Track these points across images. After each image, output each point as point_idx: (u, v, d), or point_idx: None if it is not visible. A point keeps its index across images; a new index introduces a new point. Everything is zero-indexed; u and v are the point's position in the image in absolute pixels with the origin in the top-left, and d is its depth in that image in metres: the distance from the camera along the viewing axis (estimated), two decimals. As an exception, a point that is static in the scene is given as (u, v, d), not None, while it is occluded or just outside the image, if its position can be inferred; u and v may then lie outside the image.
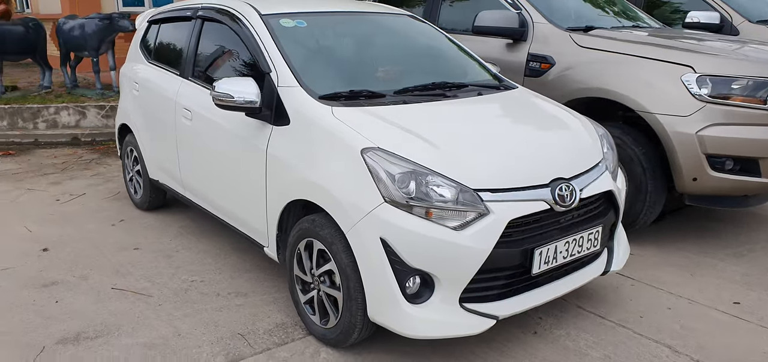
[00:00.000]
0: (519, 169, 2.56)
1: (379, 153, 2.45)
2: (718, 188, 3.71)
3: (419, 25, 3.89)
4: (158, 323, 2.94)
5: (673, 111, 3.68)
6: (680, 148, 3.66)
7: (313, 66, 3.12)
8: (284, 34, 3.21)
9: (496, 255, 2.40)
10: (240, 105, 2.87)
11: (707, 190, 3.74)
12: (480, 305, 2.48)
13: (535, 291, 2.63)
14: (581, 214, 2.71)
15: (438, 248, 2.34)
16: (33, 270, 3.52)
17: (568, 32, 4.34)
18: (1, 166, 5.91)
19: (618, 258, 3.03)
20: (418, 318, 2.38)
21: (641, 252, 3.86)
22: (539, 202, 2.51)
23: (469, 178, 2.42)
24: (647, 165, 3.81)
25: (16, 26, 7.74)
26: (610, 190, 2.83)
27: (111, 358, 2.64)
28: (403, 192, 2.36)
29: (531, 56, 4.47)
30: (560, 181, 2.60)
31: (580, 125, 3.07)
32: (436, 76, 3.40)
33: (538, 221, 2.54)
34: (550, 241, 2.54)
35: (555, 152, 2.75)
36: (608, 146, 3.09)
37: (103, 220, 4.35)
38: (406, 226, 2.34)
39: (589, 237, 2.71)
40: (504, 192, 2.45)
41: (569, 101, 4.18)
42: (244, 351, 2.71)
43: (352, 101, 2.86)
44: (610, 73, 4.00)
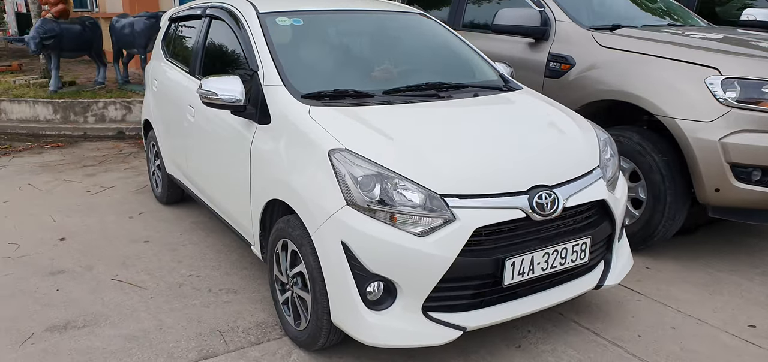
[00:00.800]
0: (493, 175, 2.44)
1: (346, 154, 2.39)
2: (744, 200, 3.42)
3: (428, 23, 3.80)
4: (145, 315, 3.00)
5: (694, 116, 3.42)
6: (701, 155, 3.40)
7: (301, 65, 3.09)
8: (278, 32, 3.20)
9: (462, 264, 2.30)
10: (225, 103, 2.88)
11: (732, 202, 3.46)
12: (447, 314, 2.38)
13: (511, 303, 2.50)
14: (566, 224, 2.55)
15: (399, 254, 2.26)
16: (45, 258, 3.67)
17: (591, 31, 4.13)
18: (47, 157, 6.24)
19: (615, 272, 2.84)
20: (377, 326, 2.31)
21: (659, 266, 3.62)
22: (514, 210, 2.38)
23: (436, 183, 2.33)
24: (667, 173, 3.56)
25: (73, 25, 8.16)
26: (603, 200, 2.65)
27: (90, 348, 2.71)
28: (367, 195, 2.29)
29: (551, 56, 4.28)
30: (541, 189, 2.46)
31: (578, 130, 2.90)
32: (436, 76, 3.30)
33: (514, 230, 2.41)
34: (525, 251, 2.40)
35: (540, 158, 2.60)
36: (611, 153, 2.91)
37: (123, 212, 4.49)
38: (366, 231, 2.27)
39: (574, 248, 2.55)
40: (473, 198, 2.34)
41: (588, 104, 3.98)
42: (218, 348, 2.72)
43: (336, 101, 2.82)
44: (630, 74, 3.77)
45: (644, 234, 3.70)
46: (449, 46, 3.66)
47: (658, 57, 3.69)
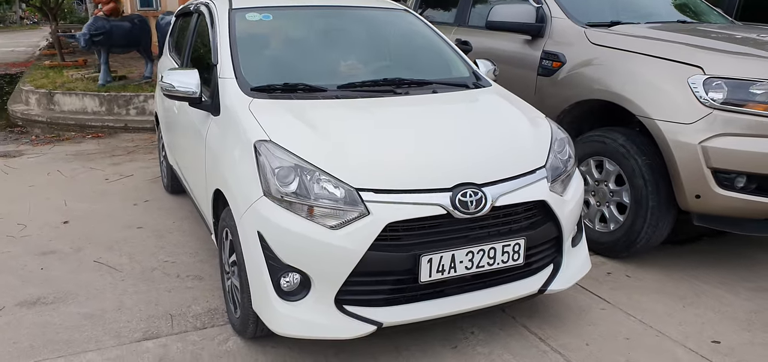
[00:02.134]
0: (415, 171, 2.41)
1: (268, 146, 2.44)
2: (727, 208, 3.21)
3: (409, 19, 3.78)
4: (110, 296, 3.16)
5: (674, 117, 3.24)
6: (680, 159, 3.22)
7: (259, 59, 3.16)
8: (245, 27, 3.29)
9: (374, 258, 2.29)
10: (181, 94, 2.99)
11: (714, 210, 3.25)
12: (363, 309, 2.38)
13: (434, 301, 2.47)
14: (496, 224, 2.49)
15: (311, 247, 2.28)
16: (44, 239, 3.93)
17: (584, 28, 3.98)
18: (84, 146, 6.64)
19: (564, 276, 2.74)
20: (286, 316, 2.34)
21: (641, 275, 3.45)
22: (434, 207, 2.35)
23: (352, 177, 2.33)
24: (650, 177, 3.39)
25: (123, 22, 8.63)
26: (544, 201, 2.57)
27: (47, 323, 2.89)
28: (282, 186, 2.33)
29: (544, 54, 4.16)
30: (468, 187, 2.41)
31: (528, 130, 2.83)
32: (401, 72, 3.29)
33: (434, 226, 2.38)
34: (445, 249, 2.37)
35: (473, 156, 2.55)
36: (568, 153, 2.81)
37: (130, 200, 4.73)
38: (279, 222, 2.31)
39: (505, 249, 2.49)
40: (390, 193, 2.33)
41: (578, 103, 3.85)
42: (162, 330, 2.83)
43: (284, 95, 2.87)
44: (615, 72, 3.61)
45: (627, 241, 3.54)
46: (425, 42, 3.64)
47: (644, 55, 3.51)
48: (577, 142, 3.84)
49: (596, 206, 3.75)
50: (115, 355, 2.63)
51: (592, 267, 3.34)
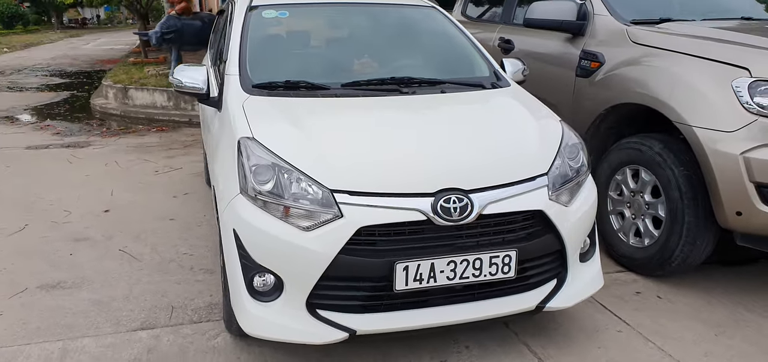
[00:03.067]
0: (396, 174, 2.30)
1: (249, 143, 2.41)
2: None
3: (435, 17, 3.65)
4: (123, 284, 3.25)
5: (714, 124, 2.93)
6: (720, 171, 2.90)
7: (267, 56, 3.15)
8: (259, 24, 3.29)
9: (347, 263, 2.20)
10: (188, 90, 3.03)
11: (757, 229, 2.91)
12: (336, 314, 2.29)
13: (414, 311, 2.33)
14: (483, 233, 2.33)
15: (281, 247, 2.22)
16: (81, 226, 4.12)
17: (627, 26, 3.68)
18: (145, 139, 6.96)
19: (567, 293, 2.53)
20: (257, 317, 2.29)
21: (675, 297, 3.15)
22: (412, 212, 2.22)
23: (329, 178, 2.25)
24: (687, 190, 3.08)
25: (194, 21, 8.99)
26: (541, 211, 2.38)
27: (58, 307, 3.00)
28: (259, 185, 2.28)
29: (583, 53, 3.89)
30: (453, 193, 2.26)
31: (534, 135, 2.64)
32: (413, 70, 3.18)
33: (414, 233, 2.26)
34: (423, 257, 2.23)
35: (462, 160, 2.41)
36: (581, 161, 2.60)
37: (171, 192, 4.89)
38: (252, 221, 2.27)
39: (493, 261, 2.32)
40: (366, 196, 2.22)
41: (614, 107, 3.57)
42: (160, 321, 2.87)
43: (284, 92, 2.84)
44: (652, 73, 3.31)
45: (660, 259, 3.23)
46: (445, 40, 3.50)
47: (685, 54, 3.20)
48: (612, 149, 3.57)
49: (631, 219, 3.46)
50: (108, 342, 2.69)
51: (619, 285, 3.11)
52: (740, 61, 2.94)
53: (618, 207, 3.56)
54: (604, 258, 3.56)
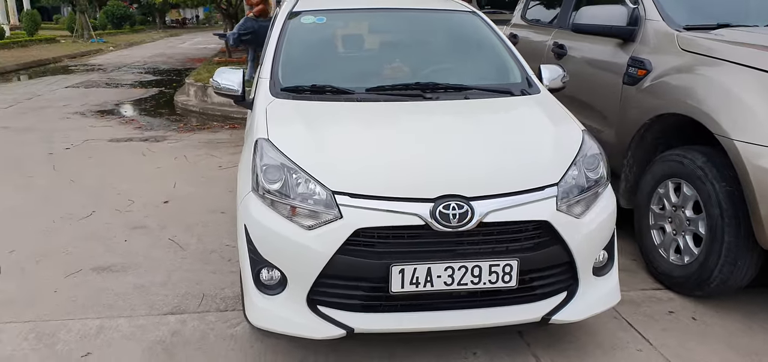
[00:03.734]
0: (398, 179, 2.34)
1: (264, 144, 2.53)
2: (817, 252, 2.65)
3: (469, 22, 3.64)
4: (164, 271, 3.48)
5: (755, 137, 2.76)
6: (760, 188, 2.73)
7: (298, 61, 3.26)
8: (297, 30, 3.42)
9: (345, 263, 2.27)
10: (225, 92, 3.20)
11: (801, 252, 2.70)
12: (336, 311, 2.36)
13: (413, 313, 2.36)
14: (485, 241, 2.32)
15: (284, 244, 2.32)
16: (141, 215, 4.44)
17: (678, 31, 3.51)
18: (217, 135, 7.34)
19: (577, 307, 2.47)
20: (261, 309, 2.40)
21: (710, 319, 2.99)
22: (411, 216, 2.26)
23: (332, 180, 2.33)
24: (728, 206, 2.92)
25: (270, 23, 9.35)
26: (547, 221, 2.34)
27: (103, 289, 3.27)
28: (268, 184, 2.39)
29: (631, 60, 3.74)
30: (453, 199, 2.28)
31: (549, 142, 2.60)
32: (442, 76, 3.20)
33: (414, 237, 2.29)
34: (419, 261, 2.26)
35: (468, 166, 2.41)
36: (599, 172, 2.54)
37: (229, 187, 5.14)
38: (259, 218, 2.38)
39: (493, 269, 2.31)
40: (366, 199, 2.28)
41: (658, 117, 3.42)
42: (189, 307, 3.06)
43: (306, 96, 2.96)
44: (696, 82, 3.15)
45: (699, 279, 3.07)
46: (480, 46, 3.48)
47: (733, 62, 3.02)
48: (656, 161, 3.43)
49: (672, 234, 3.30)
50: (139, 323, 2.90)
51: (652, 303, 3.01)
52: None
53: (659, 222, 3.40)
54: (643, 274, 3.44)
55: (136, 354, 2.66)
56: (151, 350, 2.69)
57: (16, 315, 2.97)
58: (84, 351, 2.66)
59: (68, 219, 4.31)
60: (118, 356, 2.64)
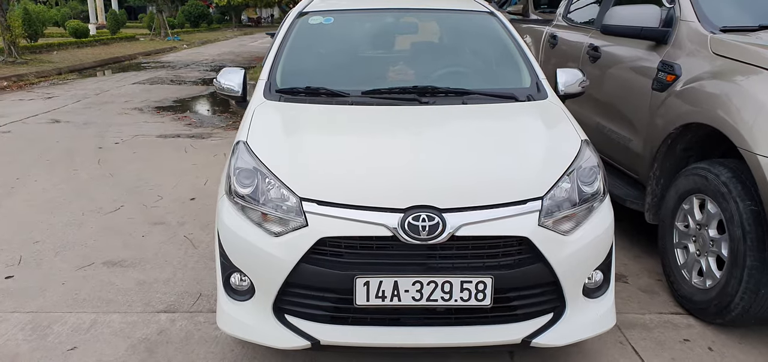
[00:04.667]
0: (368, 187, 2.24)
1: (241, 147, 2.49)
2: None
3: (484, 24, 3.48)
4: (170, 268, 3.53)
5: (779, 153, 2.47)
6: (781, 210, 2.44)
7: (299, 62, 3.21)
8: (303, 31, 3.38)
9: (309, 272, 2.19)
10: (226, 93, 3.20)
11: (828, 284, 2.40)
12: (303, 322, 2.29)
13: (383, 328, 2.26)
14: (458, 256, 2.19)
15: (251, 250, 2.28)
16: (164, 211, 4.53)
17: (711, 33, 3.21)
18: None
19: (563, 331, 2.30)
20: (229, 315, 2.37)
21: (728, 350, 2.73)
22: (378, 227, 2.16)
23: (300, 186, 2.26)
24: (750, 228, 2.64)
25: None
26: (526, 237, 2.18)
27: (109, 283, 3.34)
28: (240, 188, 2.35)
29: (661, 64, 3.47)
30: (424, 210, 2.16)
31: (540, 153, 2.44)
32: (443, 80, 3.08)
33: (382, 248, 2.19)
34: (386, 274, 2.16)
35: (445, 176, 2.28)
36: (596, 186, 2.36)
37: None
38: (228, 222, 2.35)
39: (465, 286, 2.17)
40: (333, 207, 2.20)
41: (684, 126, 3.15)
42: (183, 306, 3.07)
43: (298, 98, 2.91)
44: (723, 89, 2.87)
45: (719, 306, 2.81)
46: (494, 49, 3.33)
47: (764, 69, 2.72)
48: (680, 175, 3.16)
49: (695, 255, 3.03)
50: (131, 320, 2.94)
51: (666, 328, 2.82)
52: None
53: (683, 241, 3.14)
54: (664, 295, 3.18)
55: (120, 350, 2.69)
56: (135, 347, 2.71)
57: (20, 306, 3.08)
58: (71, 345, 2.72)
59: (96, 213, 4.46)
60: (102, 351, 2.68)
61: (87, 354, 2.66)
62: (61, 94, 10.64)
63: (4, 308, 3.06)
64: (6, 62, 14.70)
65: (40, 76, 13.16)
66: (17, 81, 12.20)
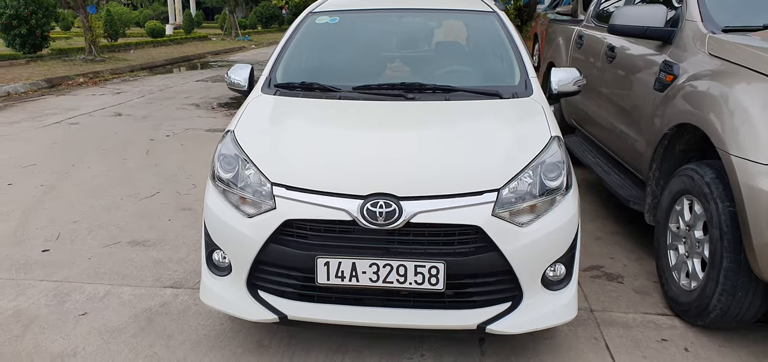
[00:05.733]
0: (334, 174, 2.41)
1: (227, 135, 2.71)
2: (813, 289, 2.31)
3: (486, 25, 3.56)
4: (184, 249, 3.80)
5: (752, 153, 2.46)
6: (752, 211, 2.43)
7: (300, 59, 3.41)
8: (309, 29, 3.58)
9: (276, 251, 2.38)
10: (235, 87, 3.44)
11: (796, 288, 2.36)
12: (273, 298, 2.47)
13: (345, 307, 2.41)
14: (413, 241, 2.32)
15: (228, 230, 2.49)
16: (194, 198, 4.84)
17: (711, 33, 3.18)
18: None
19: (519, 320, 2.38)
20: (209, 289, 2.59)
21: (705, 351, 2.72)
22: (339, 212, 2.32)
23: (273, 172, 2.45)
24: (727, 229, 2.62)
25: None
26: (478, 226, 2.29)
27: (129, 260, 3.65)
28: (223, 173, 2.57)
29: (662, 64, 3.45)
30: (383, 197, 2.31)
31: (504, 147, 2.54)
32: (431, 77, 3.22)
33: (344, 232, 2.34)
34: (345, 256, 2.31)
35: (407, 166, 2.42)
36: (559, 181, 2.43)
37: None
38: (211, 204, 2.57)
39: (419, 270, 2.30)
40: (300, 192, 2.37)
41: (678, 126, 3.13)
42: (188, 283, 3.33)
43: (291, 92, 3.11)
44: (710, 90, 2.85)
45: (699, 307, 2.79)
46: (490, 48, 3.42)
47: (750, 69, 2.69)
48: (674, 176, 3.15)
49: (684, 257, 3.02)
50: (139, 293, 3.23)
51: (646, 328, 2.88)
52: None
53: (675, 242, 3.12)
54: (656, 297, 3.19)
55: (124, 318, 2.97)
56: (137, 317, 2.99)
57: (48, 275, 3.43)
58: (83, 311, 3.03)
59: (133, 198, 4.84)
60: (108, 318, 2.97)
61: (95, 319, 2.96)
62: (129, 90, 11.37)
63: (35, 276, 3.42)
64: (86, 60, 15.81)
65: (114, 73, 14.07)
66: (93, 77, 13.10)
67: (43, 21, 15.84)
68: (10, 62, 14.93)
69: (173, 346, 2.74)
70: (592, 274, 3.47)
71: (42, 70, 13.56)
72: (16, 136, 7.19)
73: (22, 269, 3.52)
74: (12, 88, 10.89)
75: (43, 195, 4.92)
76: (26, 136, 7.24)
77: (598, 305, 3.12)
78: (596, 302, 3.15)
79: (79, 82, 12.43)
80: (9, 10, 15.16)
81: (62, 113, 8.78)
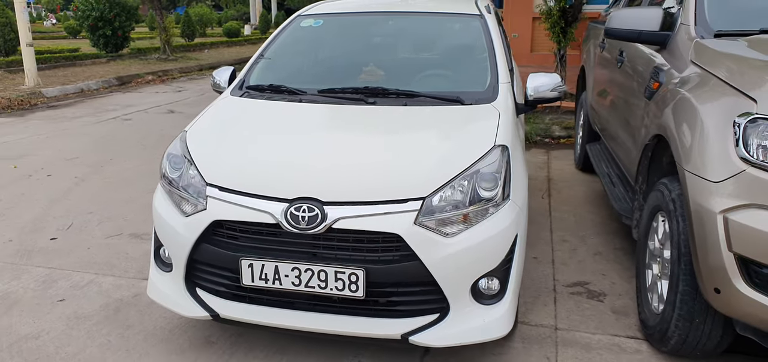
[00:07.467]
0: (264, 177, 2.44)
1: (181, 136, 2.81)
2: (758, 317, 2.11)
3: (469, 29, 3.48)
4: (180, 244, 3.97)
5: (702, 170, 2.28)
6: (699, 231, 2.25)
7: (278, 62, 3.46)
8: (293, 32, 3.63)
9: (206, 251, 2.44)
10: (215, 87, 3.54)
11: (737, 314, 2.20)
12: (209, 296, 2.54)
13: (274, 309, 2.44)
14: (334, 247, 2.31)
15: (166, 228, 2.57)
16: (207, 194, 5.03)
17: (698, 39, 2.96)
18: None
19: (445, 332, 2.33)
20: (154, 284, 2.68)
21: (662, 379, 2.54)
22: (264, 214, 2.35)
23: (209, 172, 2.51)
24: (685, 250, 2.44)
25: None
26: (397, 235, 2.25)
27: (123, 251, 3.83)
28: (169, 172, 2.66)
29: (653, 71, 3.25)
30: (308, 202, 2.32)
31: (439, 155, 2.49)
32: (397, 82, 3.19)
33: (271, 235, 2.37)
34: (268, 259, 2.34)
35: (336, 172, 2.42)
36: (495, 191, 2.36)
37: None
38: (156, 203, 2.67)
39: (339, 276, 2.29)
40: (231, 193, 2.42)
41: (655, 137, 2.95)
42: (167, 277, 3.47)
43: (264, 95, 3.17)
44: (675, 99, 2.67)
45: (661, 331, 2.61)
46: (467, 54, 3.35)
47: (718, 78, 2.50)
48: (651, 191, 2.96)
49: (656, 276, 2.83)
50: (118, 284, 3.39)
51: (607, 351, 2.80)
52: (752, 89, 2.21)
53: (651, 261, 2.94)
54: (634, 318, 3.02)
55: (95, 306, 3.14)
56: (107, 306, 3.14)
57: (46, 262, 3.67)
58: (61, 298, 3.22)
59: (150, 192, 5.06)
60: (81, 306, 3.14)
61: (69, 306, 3.14)
62: (190, 88, 11.92)
63: (33, 262, 3.67)
64: (159, 59, 16.69)
65: (182, 72, 14.77)
66: (161, 75, 13.81)
67: (125, 23, 16.86)
68: (93, 60, 15.99)
69: (128, 336, 2.86)
70: (573, 290, 3.32)
71: (117, 68, 14.44)
72: (73, 130, 7.71)
73: (26, 255, 3.79)
74: (85, 85, 11.67)
75: (74, 186, 5.25)
76: (83, 130, 7.74)
77: (565, 323, 2.98)
78: (565, 320, 3.01)
79: (147, 79, 13.13)
80: (95, 13, 16.25)
81: (120, 109, 9.33)
